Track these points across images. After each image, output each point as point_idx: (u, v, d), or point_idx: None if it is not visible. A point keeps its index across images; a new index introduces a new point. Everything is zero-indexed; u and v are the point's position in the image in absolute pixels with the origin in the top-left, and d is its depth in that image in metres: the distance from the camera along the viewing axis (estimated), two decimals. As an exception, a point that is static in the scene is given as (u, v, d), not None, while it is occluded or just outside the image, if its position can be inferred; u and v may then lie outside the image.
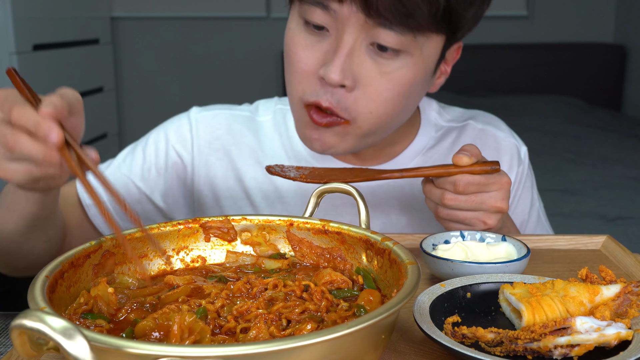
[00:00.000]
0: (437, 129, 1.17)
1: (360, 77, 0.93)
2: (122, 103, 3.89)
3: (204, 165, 1.15)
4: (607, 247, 0.96)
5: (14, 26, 2.61)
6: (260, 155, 1.15)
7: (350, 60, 0.92)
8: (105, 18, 3.55)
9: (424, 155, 1.14)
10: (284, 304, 0.64)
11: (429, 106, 1.19)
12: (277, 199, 1.14)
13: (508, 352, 0.61)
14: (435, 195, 0.93)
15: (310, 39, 0.95)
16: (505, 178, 0.92)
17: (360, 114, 0.95)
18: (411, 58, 0.93)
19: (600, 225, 2.25)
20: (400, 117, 1.01)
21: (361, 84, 0.93)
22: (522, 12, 3.92)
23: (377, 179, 0.93)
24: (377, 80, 0.93)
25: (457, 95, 3.53)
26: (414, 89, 0.97)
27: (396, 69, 0.93)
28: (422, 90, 1.01)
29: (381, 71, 0.93)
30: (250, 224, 0.80)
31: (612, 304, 0.66)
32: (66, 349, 0.43)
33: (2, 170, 0.73)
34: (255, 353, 0.47)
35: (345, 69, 0.91)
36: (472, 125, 1.18)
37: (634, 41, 3.82)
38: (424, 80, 0.97)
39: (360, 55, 0.92)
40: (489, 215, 0.92)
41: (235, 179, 1.15)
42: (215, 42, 3.88)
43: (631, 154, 2.98)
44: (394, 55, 0.92)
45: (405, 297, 0.56)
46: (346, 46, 0.91)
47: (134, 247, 0.75)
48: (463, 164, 0.90)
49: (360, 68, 0.92)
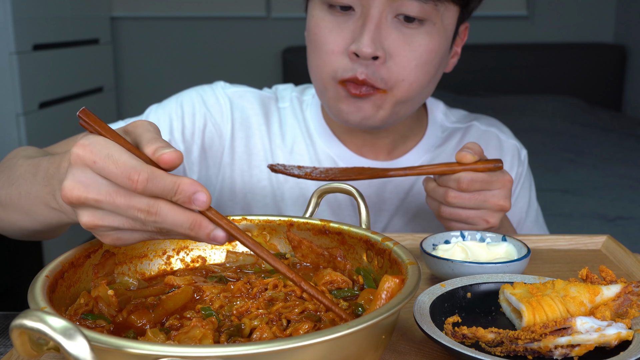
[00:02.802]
0: (442, 130, 1.19)
1: (390, 48, 0.97)
2: (122, 103, 3.89)
3: (238, 139, 1.14)
4: (607, 247, 0.96)
5: (14, 26, 2.61)
6: (280, 142, 1.16)
7: (379, 33, 0.97)
8: (105, 18, 3.54)
9: (432, 153, 1.16)
10: (284, 304, 0.64)
11: (436, 107, 1.21)
12: (304, 202, 1.14)
13: (508, 352, 0.61)
14: (438, 194, 0.93)
15: (336, 20, 0.99)
16: (508, 176, 0.92)
17: (396, 82, 0.99)
18: (434, 26, 0.98)
19: (600, 225, 2.25)
20: (428, 88, 1.05)
21: (391, 55, 0.98)
22: (522, 12, 3.92)
23: (382, 177, 0.93)
24: (405, 49, 0.98)
25: (457, 95, 3.53)
26: (438, 57, 1.01)
27: (422, 38, 0.98)
28: (443, 64, 1.05)
29: (408, 41, 0.98)
30: (251, 224, 0.80)
31: (613, 304, 0.66)
32: (66, 349, 0.43)
33: (105, 236, 0.62)
34: (256, 353, 0.47)
35: (375, 41, 0.96)
36: (476, 126, 1.20)
37: (634, 41, 3.82)
38: (445, 50, 1.03)
39: (387, 28, 0.97)
40: (492, 213, 0.92)
41: (264, 158, 1.15)
42: (216, 42, 3.88)
43: (631, 154, 2.98)
44: (419, 24, 0.98)
45: (406, 297, 0.56)
46: (374, 20, 0.96)
47: (134, 247, 0.75)
48: (467, 162, 0.90)
49: (389, 40, 0.97)
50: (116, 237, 0.61)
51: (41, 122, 2.82)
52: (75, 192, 0.59)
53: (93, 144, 0.59)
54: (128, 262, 0.74)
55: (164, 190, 0.58)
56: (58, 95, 2.97)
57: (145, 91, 3.89)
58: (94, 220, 0.60)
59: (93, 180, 0.59)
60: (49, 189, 0.69)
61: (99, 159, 0.58)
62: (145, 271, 0.76)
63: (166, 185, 0.57)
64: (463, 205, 0.91)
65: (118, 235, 0.61)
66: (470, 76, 3.78)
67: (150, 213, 0.58)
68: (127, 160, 0.58)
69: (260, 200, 1.15)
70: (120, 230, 0.61)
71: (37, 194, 0.72)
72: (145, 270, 0.76)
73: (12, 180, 0.79)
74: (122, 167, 0.57)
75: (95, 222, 0.60)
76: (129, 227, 0.60)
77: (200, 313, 0.64)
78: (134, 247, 0.75)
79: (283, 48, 3.79)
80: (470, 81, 3.78)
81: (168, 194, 0.58)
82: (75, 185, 0.59)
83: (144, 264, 0.76)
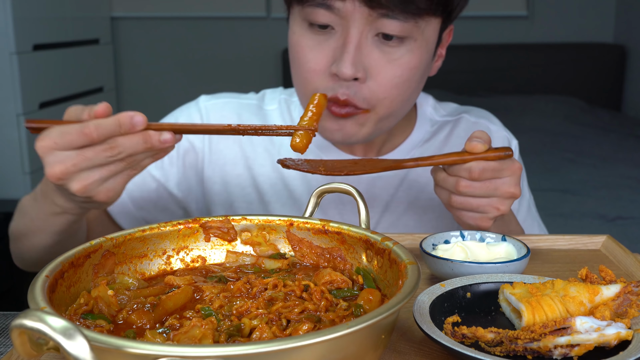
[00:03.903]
0: (432, 124, 1.20)
1: (371, 67, 0.97)
2: (122, 103, 3.89)
3: (214, 152, 1.17)
4: (607, 247, 0.96)
5: (14, 26, 2.61)
6: (269, 145, 1.17)
7: (360, 53, 0.96)
8: (105, 18, 3.54)
9: (420, 148, 1.17)
10: (284, 304, 0.64)
11: (426, 102, 1.22)
12: (284, 188, 1.15)
13: (508, 352, 0.61)
14: (449, 183, 0.92)
15: (317, 38, 0.98)
16: (517, 164, 0.92)
17: (377, 101, 0.99)
18: (415, 43, 0.97)
19: (600, 225, 2.25)
20: (411, 100, 1.05)
21: (372, 74, 0.97)
22: (522, 12, 3.92)
23: (395, 169, 0.93)
24: (386, 68, 0.97)
25: (457, 95, 3.52)
26: (420, 72, 1.01)
27: (402, 55, 0.97)
28: (426, 73, 1.05)
29: (389, 59, 0.97)
30: (250, 223, 0.80)
31: (612, 304, 0.66)
32: (66, 348, 0.43)
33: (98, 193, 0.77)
34: (255, 353, 0.47)
35: (356, 62, 0.95)
36: (465, 118, 1.21)
37: (634, 41, 3.82)
38: (427, 63, 1.02)
39: (368, 47, 0.96)
40: (502, 201, 0.92)
41: (244, 167, 1.17)
42: (216, 42, 3.88)
43: (631, 154, 2.98)
44: (399, 42, 0.96)
45: (405, 297, 0.56)
46: (354, 40, 0.95)
47: (134, 247, 0.75)
48: (478, 151, 0.90)
49: (369, 59, 0.96)
50: (105, 189, 0.77)
51: (41, 122, 2.81)
52: (56, 169, 0.75)
53: (47, 134, 0.75)
54: (128, 262, 0.74)
55: (111, 128, 0.74)
56: (58, 95, 2.97)
57: (145, 91, 3.89)
58: (82, 183, 0.76)
59: (63, 155, 0.74)
60: (49, 201, 0.86)
61: (56, 138, 0.75)
62: (145, 271, 0.76)
63: (110, 123, 0.74)
64: (474, 194, 0.91)
65: (105, 186, 0.77)
66: (470, 76, 3.78)
67: (112, 148, 0.74)
68: (76, 125, 0.74)
69: (246, 208, 1.17)
70: (104, 180, 0.76)
71: (43, 210, 0.89)
72: (145, 270, 0.76)
73: (21, 214, 0.99)
74: (74, 132, 0.74)
75: (83, 183, 0.76)
76: (106, 174, 0.76)
77: (200, 313, 0.64)
78: (134, 247, 0.75)
79: (283, 48, 3.79)
80: (470, 81, 3.78)
81: (116, 130, 0.74)
82: (53, 165, 0.75)
83: (144, 264, 0.76)
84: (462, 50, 3.74)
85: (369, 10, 0.93)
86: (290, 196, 1.15)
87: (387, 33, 0.95)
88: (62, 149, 0.74)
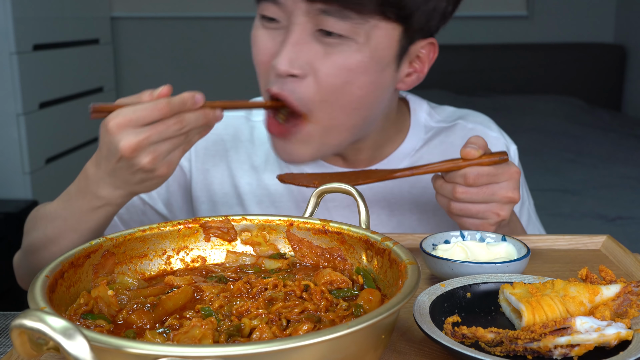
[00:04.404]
0: (426, 130, 1.16)
1: (310, 64, 0.94)
2: (122, 103, 3.89)
3: (201, 171, 1.16)
4: (607, 247, 0.96)
5: (14, 26, 2.61)
6: (255, 159, 1.16)
7: (299, 49, 0.94)
8: (105, 18, 3.54)
9: (412, 157, 1.13)
10: (284, 304, 0.64)
11: (420, 107, 1.18)
12: (270, 204, 1.14)
13: (508, 352, 0.61)
14: (446, 190, 0.93)
15: (267, 32, 0.98)
16: (514, 168, 0.92)
17: (314, 104, 0.96)
18: (355, 44, 0.94)
19: (600, 225, 2.25)
20: (364, 111, 0.99)
21: (311, 72, 0.95)
22: (522, 12, 3.92)
23: (389, 179, 0.93)
24: (323, 65, 0.94)
25: (457, 95, 3.53)
26: (363, 78, 0.96)
27: (339, 53, 0.94)
28: (381, 83, 0.99)
29: (326, 52, 0.94)
30: (250, 224, 0.80)
31: (612, 304, 0.66)
32: (66, 348, 0.43)
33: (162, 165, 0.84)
34: (255, 353, 0.47)
35: (292, 59, 0.94)
36: (461, 124, 1.17)
37: (634, 41, 3.82)
38: (374, 71, 0.96)
39: (309, 43, 0.94)
40: (501, 206, 0.92)
41: (231, 185, 1.16)
42: (215, 42, 3.88)
43: (631, 154, 2.98)
44: (340, 39, 0.93)
45: (405, 297, 0.56)
46: (293, 35, 0.94)
47: (134, 247, 0.75)
48: (471, 157, 0.90)
49: (309, 55, 0.94)
50: (167, 162, 0.84)
51: (41, 122, 2.82)
52: (132, 142, 0.80)
53: (118, 112, 0.81)
54: (128, 262, 0.74)
55: (179, 104, 0.82)
56: (58, 95, 2.97)
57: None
58: (152, 154, 0.82)
59: (136, 130, 0.81)
60: (89, 196, 0.89)
61: (130, 115, 0.81)
62: (145, 271, 0.76)
63: (178, 100, 0.82)
64: (472, 200, 0.91)
65: (167, 160, 0.84)
66: (470, 76, 3.78)
67: (181, 121, 0.82)
68: (148, 103, 0.81)
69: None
70: (168, 153, 0.83)
71: (80, 208, 0.91)
72: (145, 270, 0.76)
73: (48, 220, 0.97)
74: (149, 108, 0.81)
75: (153, 155, 0.82)
76: (171, 147, 0.83)
77: (200, 313, 0.64)
78: (134, 247, 0.75)
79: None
80: (470, 81, 3.78)
81: (182, 106, 0.82)
82: (129, 139, 0.80)
83: (144, 264, 0.76)
84: (462, 50, 3.74)
85: (307, 5, 0.92)
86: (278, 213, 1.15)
87: (326, 30, 0.92)
88: (135, 125, 0.81)
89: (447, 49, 4.17)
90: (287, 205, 1.14)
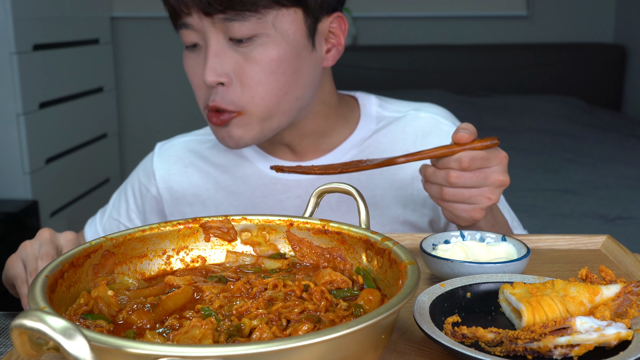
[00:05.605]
0: (378, 121, 1.20)
1: (233, 71, 1.02)
2: (122, 103, 3.89)
3: (170, 194, 1.21)
4: (607, 247, 0.96)
5: (14, 26, 2.61)
6: (220, 171, 1.20)
7: (220, 60, 1.01)
8: (105, 18, 3.54)
9: (359, 147, 1.17)
10: (284, 304, 0.64)
11: (368, 101, 1.22)
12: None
13: (508, 352, 0.61)
14: (439, 177, 0.93)
15: (193, 57, 1.06)
16: (503, 153, 0.93)
17: (246, 103, 1.03)
18: (268, 38, 1.01)
19: (600, 225, 2.25)
20: (294, 93, 1.06)
21: (236, 77, 1.02)
22: (522, 12, 3.92)
23: (385, 165, 0.94)
24: (246, 67, 1.02)
25: (457, 95, 3.52)
26: (286, 64, 1.03)
27: (257, 53, 1.01)
28: (303, 64, 1.05)
29: (246, 58, 1.01)
30: (250, 224, 0.80)
31: (612, 304, 0.66)
32: (66, 348, 0.43)
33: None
34: (255, 353, 0.47)
35: (216, 69, 1.01)
36: (413, 114, 1.20)
37: (634, 41, 3.82)
38: (292, 55, 1.03)
39: (226, 52, 1.02)
40: (493, 189, 0.92)
41: (201, 205, 1.20)
42: (215, 42, 3.87)
43: (631, 154, 2.98)
44: (250, 42, 1.01)
45: (405, 297, 0.56)
46: (211, 47, 1.01)
47: (134, 247, 0.75)
48: (465, 142, 0.91)
49: (230, 63, 1.02)
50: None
51: (41, 122, 2.82)
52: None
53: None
54: (128, 262, 0.74)
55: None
56: (58, 95, 2.97)
57: (145, 91, 3.89)
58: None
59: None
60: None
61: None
62: (145, 271, 0.76)
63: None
64: (465, 184, 0.92)
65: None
66: (470, 76, 3.78)
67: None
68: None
69: None
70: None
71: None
72: (145, 270, 0.76)
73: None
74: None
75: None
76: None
77: (200, 313, 0.64)
78: (134, 247, 0.75)
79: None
80: (470, 81, 3.78)
81: None
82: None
83: (144, 264, 0.76)
84: (462, 50, 3.74)
85: (209, 18, 0.99)
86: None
87: (234, 37, 1.00)
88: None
89: (447, 49, 4.19)
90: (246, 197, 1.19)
